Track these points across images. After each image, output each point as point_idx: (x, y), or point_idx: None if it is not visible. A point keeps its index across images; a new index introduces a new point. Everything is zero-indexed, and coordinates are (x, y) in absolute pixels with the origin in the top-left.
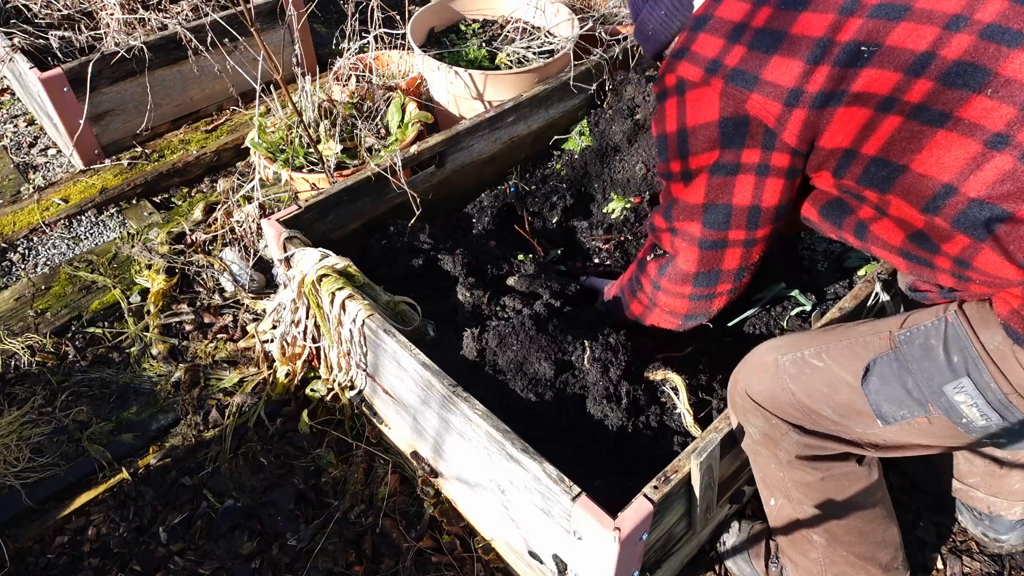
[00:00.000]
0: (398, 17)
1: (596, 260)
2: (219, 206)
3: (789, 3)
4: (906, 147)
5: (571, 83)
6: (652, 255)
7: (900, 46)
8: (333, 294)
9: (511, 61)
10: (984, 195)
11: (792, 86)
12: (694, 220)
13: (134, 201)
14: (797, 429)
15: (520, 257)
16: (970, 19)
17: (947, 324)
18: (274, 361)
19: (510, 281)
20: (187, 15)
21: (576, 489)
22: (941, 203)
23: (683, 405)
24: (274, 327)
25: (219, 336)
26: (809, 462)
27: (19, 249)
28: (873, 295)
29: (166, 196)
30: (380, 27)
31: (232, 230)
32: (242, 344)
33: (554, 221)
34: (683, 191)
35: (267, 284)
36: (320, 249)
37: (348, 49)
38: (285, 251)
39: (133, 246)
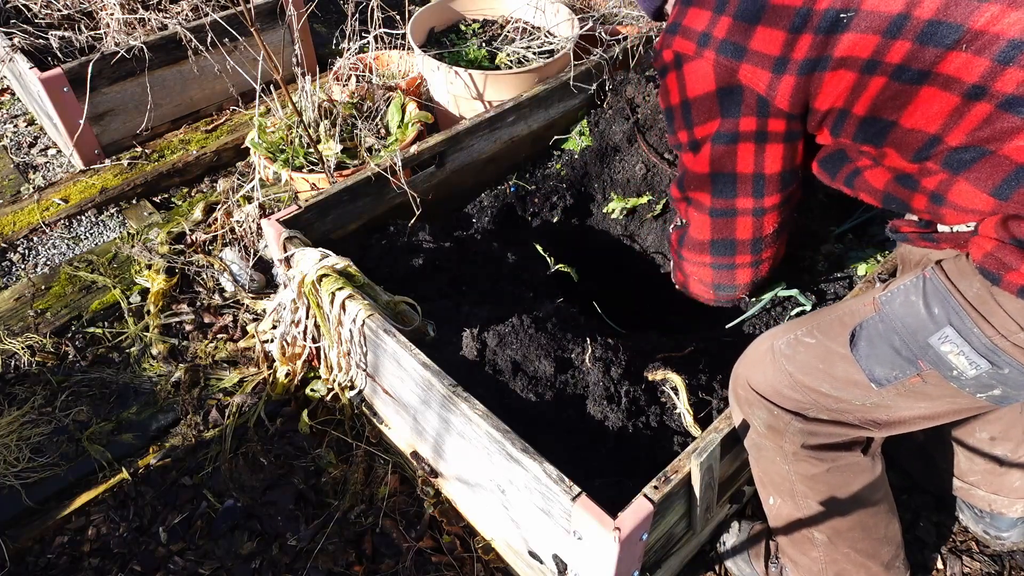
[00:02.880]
0: (398, 17)
1: None
2: (219, 206)
3: None
4: (893, 105)
5: (571, 83)
6: (674, 226)
7: (875, 10)
8: (333, 294)
9: (511, 61)
10: (965, 141)
11: (778, 54)
12: (704, 190)
13: (134, 201)
14: (799, 417)
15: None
16: None
17: (925, 280)
18: (274, 361)
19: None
20: (187, 15)
21: (576, 489)
22: (929, 151)
23: (683, 405)
24: (274, 327)
25: (219, 336)
26: (814, 452)
27: (19, 249)
28: None
29: (166, 196)
30: (380, 27)
31: (232, 230)
32: (242, 344)
33: (554, 221)
34: (692, 161)
35: (267, 284)
36: (320, 249)
37: (348, 49)
38: (285, 251)
39: (133, 246)
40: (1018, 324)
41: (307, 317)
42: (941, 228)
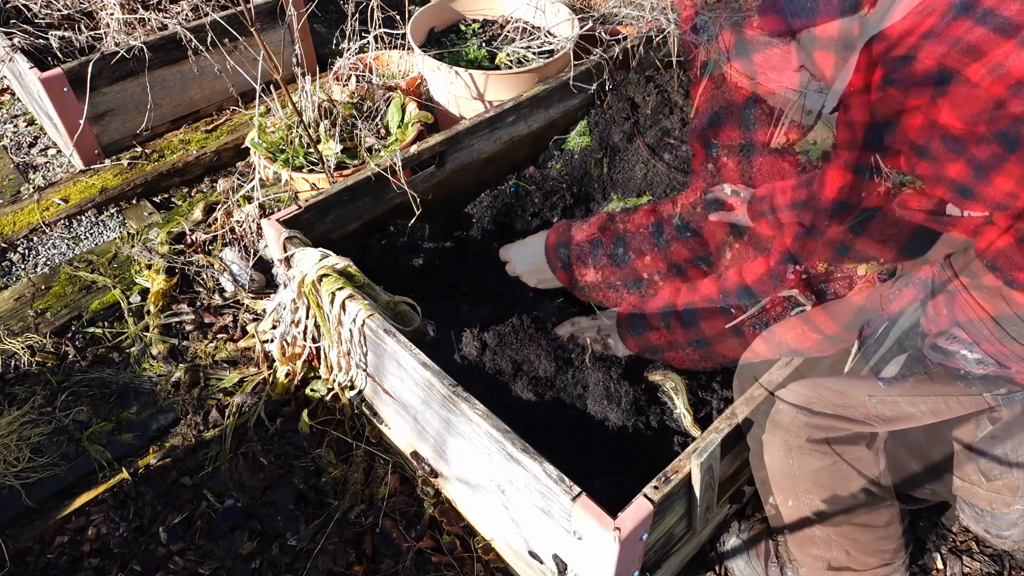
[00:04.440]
0: (398, 17)
1: None
2: (219, 206)
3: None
4: None
5: (571, 83)
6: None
7: None
8: (333, 294)
9: (511, 61)
10: None
11: None
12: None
13: (134, 201)
14: (805, 411)
15: None
16: None
17: (934, 277)
18: (274, 361)
19: None
20: (187, 15)
21: (576, 489)
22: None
23: (683, 405)
24: (274, 327)
25: (219, 336)
26: (819, 446)
27: (19, 249)
28: None
29: (166, 196)
30: (380, 27)
31: (232, 230)
32: (242, 344)
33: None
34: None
35: (267, 284)
36: (320, 249)
37: (348, 49)
38: (285, 251)
39: (133, 246)
40: None
41: (307, 317)
42: (950, 210)
